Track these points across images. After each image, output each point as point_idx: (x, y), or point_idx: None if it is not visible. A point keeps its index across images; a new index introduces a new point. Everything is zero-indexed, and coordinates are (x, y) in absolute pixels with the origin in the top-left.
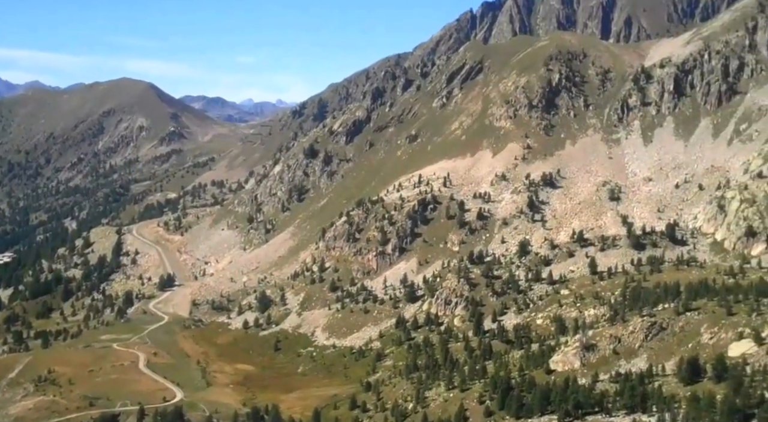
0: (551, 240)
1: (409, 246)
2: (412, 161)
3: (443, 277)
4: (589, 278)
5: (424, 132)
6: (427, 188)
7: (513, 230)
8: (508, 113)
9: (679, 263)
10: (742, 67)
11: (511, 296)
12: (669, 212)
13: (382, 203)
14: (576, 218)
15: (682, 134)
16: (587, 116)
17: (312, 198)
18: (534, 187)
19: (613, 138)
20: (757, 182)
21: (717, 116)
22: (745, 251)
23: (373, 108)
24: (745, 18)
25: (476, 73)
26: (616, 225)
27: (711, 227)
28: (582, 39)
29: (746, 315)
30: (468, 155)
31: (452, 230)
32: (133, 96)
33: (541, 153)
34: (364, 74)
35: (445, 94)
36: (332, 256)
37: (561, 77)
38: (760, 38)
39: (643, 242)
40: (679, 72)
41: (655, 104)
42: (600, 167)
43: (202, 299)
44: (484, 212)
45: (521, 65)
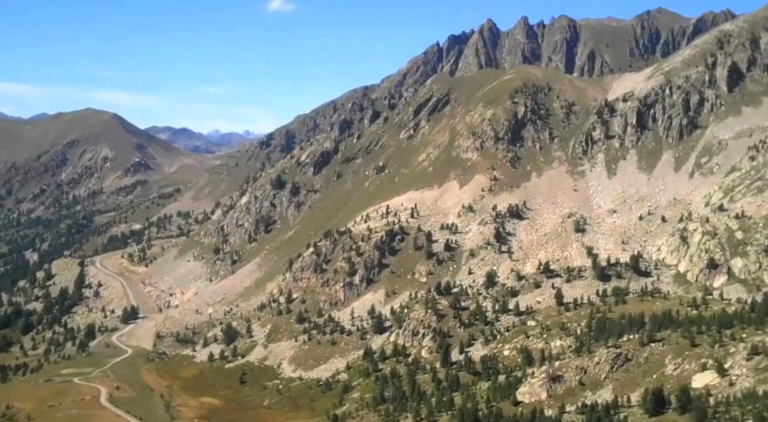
0: (518, 271)
1: (377, 277)
2: (379, 192)
3: (411, 308)
4: (556, 309)
5: (392, 163)
6: (394, 219)
7: (480, 261)
8: (475, 144)
9: (644, 294)
10: (702, 102)
11: (479, 327)
12: (633, 243)
13: (350, 234)
14: (542, 250)
15: (645, 166)
16: (552, 149)
17: (279, 229)
18: (501, 218)
19: (577, 170)
20: (718, 214)
21: (679, 150)
22: (708, 283)
23: (341, 139)
24: (704, 54)
25: (443, 105)
26: (581, 256)
27: (674, 259)
28: (547, 73)
29: (709, 347)
30: (435, 186)
31: (420, 261)
32: (97, 127)
33: (507, 185)
34: (331, 106)
35: (413, 125)
36: (299, 287)
37: (526, 110)
38: (719, 74)
39: (608, 274)
40: (642, 106)
41: (618, 137)
42: (565, 198)
43: (167, 332)
44: (452, 243)
45: (487, 98)
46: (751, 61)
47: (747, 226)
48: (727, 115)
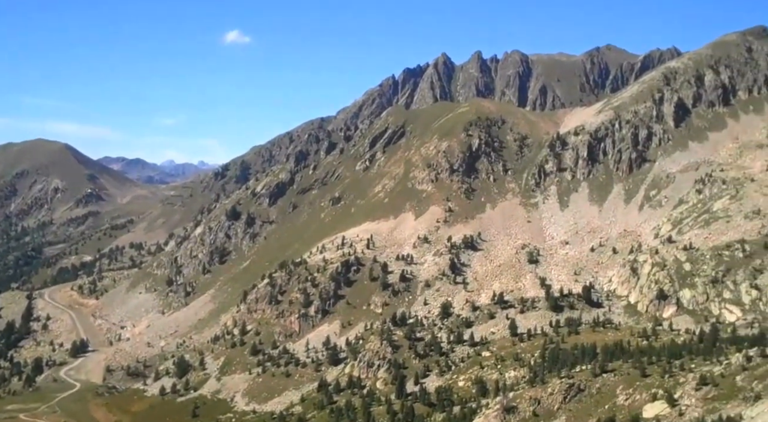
0: (473, 302)
1: (332, 308)
2: (335, 223)
3: (366, 339)
4: (510, 340)
5: (348, 194)
6: (350, 250)
7: (435, 292)
8: (430, 176)
9: (596, 324)
10: (650, 137)
11: (434, 358)
12: (585, 274)
13: (306, 265)
14: (496, 280)
15: (596, 199)
16: (506, 181)
17: (234, 260)
18: (456, 249)
19: (531, 202)
20: (667, 246)
21: (628, 183)
22: (657, 314)
23: (297, 170)
24: (652, 90)
25: (399, 137)
26: (535, 287)
27: (625, 290)
28: (500, 106)
29: (659, 377)
30: (391, 217)
31: (375, 292)
32: (48, 157)
33: (462, 216)
34: (287, 137)
35: (368, 157)
36: (254, 319)
37: (481, 142)
38: (666, 109)
39: (561, 304)
40: (592, 140)
41: (570, 170)
42: (519, 230)
43: (117, 365)
44: (407, 274)
45: (442, 130)
46: (696, 97)
47: (695, 258)
48: (675, 149)
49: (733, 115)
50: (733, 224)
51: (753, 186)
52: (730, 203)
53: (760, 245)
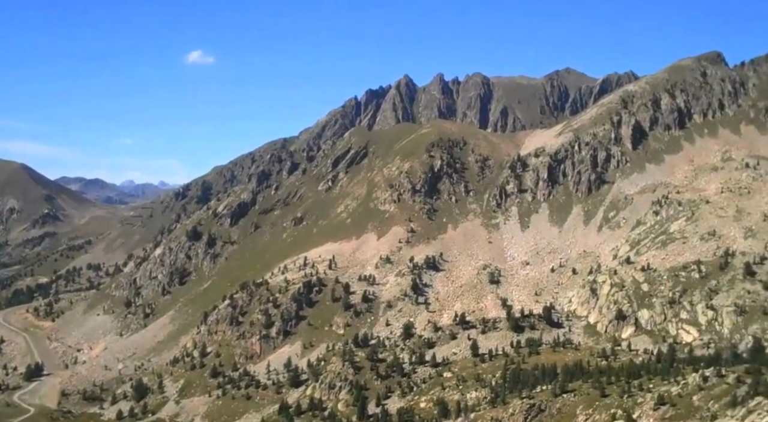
0: (435, 323)
1: (294, 329)
2: (297, 243)
3: (328, 360)
4: (471, 361)
5: (310, 215)
6: (312, 271)
7: (397, 312)
8: (392, 197)
9: (556, 345)
10: (609, 159)
11: (396, 379)
12: (545, 295)
13: (267, 285)
14: (458, 301)
15: (557, 220)
16: (468, 202)
17: (194, 281)
18: (418, 270)
19: (492, 223)
20: (625, 267)
21: (588, 204)
22: (616, 334)
23: (259, 191)
24: (610, 113)
25: (361, 157)
26: (496, 308)
27: (584, 310)
28: (462, 127)
29: (618, 397)
30: (353, 237)
31: (337, 312)
32: (3, 177)
33: (424, 237)
34: (249, 157)
35: (331, 177)
36: (214, 340)
37: (443, 163)
38: (624, 132)
39: (522, 325)
40: (552, 161)
41: (530, 191)
42: (480, 250)
43: (73, 389)
44: (369, 295)
45: (404, 151)
46: (653, 120)
47: (652, 278)
48: (632, 171)
49: (688, 138)
50: (690, 246)
51: (708, 208)
52: (687, 225)
53: (715, 267)
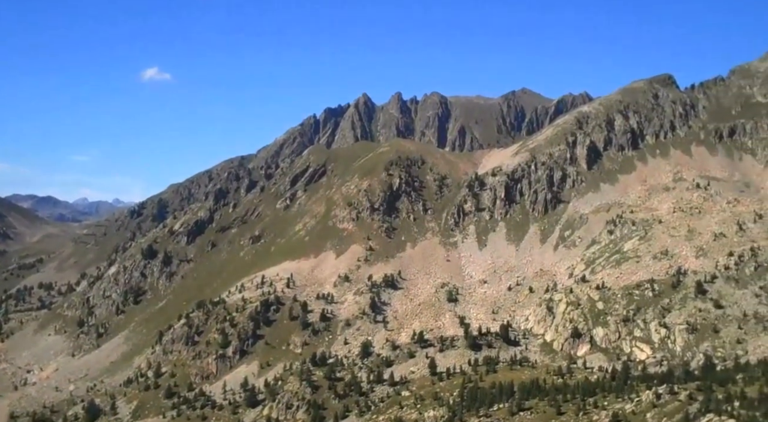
0: (393, 341)
1: (251, 349)
2: (255, 261)
3: (285, 380)
4: (429, 379)
5: (268, 233)
6: (270, 289)
7: (356, 331)
8: (351, 215)
9: (513, 363)
10: (564, 178)
11: (354, 398)
12: (503, 313)
13: (224, 304)
14: (416, 319)
15: (514, 238)
16: (426, 220)
17: (149, 300)
18: (376, 288)
19: (450, 241)
20: (580, 285)
21: (544, 223)
22: (572, 352)
23: (216, 209)
24: (565, 133)
25: (320, 176)
26: (454, 326)
27: (541, 329)
28: (420, 146)
29: (574, 415)
30: (311, 256)
31: (295, 331)
32: None
33: (382, 255)
34: (206, 175)
35: (289, 195)
36: (169, 360)
37: (401, 182)
38: (579, 152)
39: (480, 343)
40: (509, 180)
41: (488, 210)
42: (438, 269)
43: (22, 411)
44: (327, 314)
45: (363, 169)
46: (607, 141)
47: (607, 297)
48: (587, 190)
49: (641, 158)
50: (643, 264)
51: (661, 228)
52: (640, 244)
53: (668, 285)
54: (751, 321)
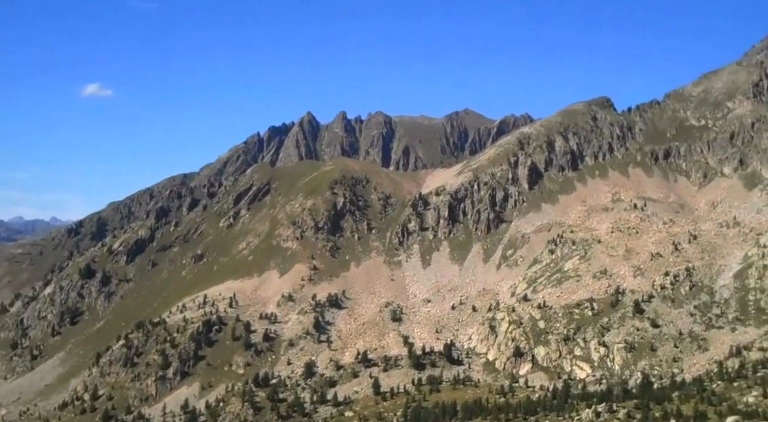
0: (337, 361)
1: (192, 370)
2: (197, 281)
3: (227, 401)
4: (373, 399)
5: (210, 252)
6: (212, 309)
7: (299, 351)
8: (295, 234)
9: (456, 382)
10: (506, 198)
11: (297, 419)
12: (446, 332)
13: (165, 325)
14: (361, 339)
15: (457, 258)
16: (370, 239)
17: (87, 321)
18: (320, 307)
19: (394, 261)
20: (522, 304)
21: (487, 242)
22: (514, 371)
23: (157, 227)
24: (507, 154)
25: (264, 194)
26: (398, 345)
27: (484, 348)
28: (364, 165)
29: None
30: (255, 275)
31: (237, 351)
32: None
33: (327, 274)
34: (147, 193)
35: (233, 214)
36: (107, 382)
37: (345, 201)
38: (521, 172)
39: (423, 362)
40: (453, 200)
41: (432, 229)
42: (383, 288)
43: None
44: (271, 333)
45: (307, 188)
46: (548, 161)
47: (548, 315)
48: (529, 210)
49: (581, 179)
50: (583, 284)
51: (600, 247)
52: (580, 263)
53: (607, 304)
54: (686, 340)
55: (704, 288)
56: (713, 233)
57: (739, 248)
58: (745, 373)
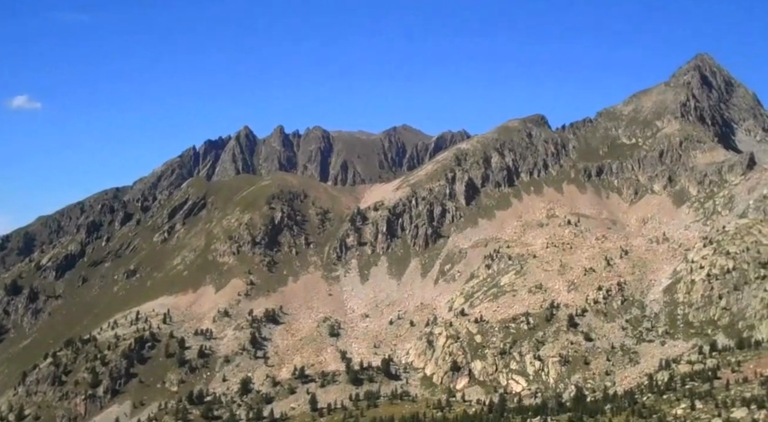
0: (273, 377)
1: (123, 388)
2: (130, 297)
3: (159, 419)
4: (310, 415)
5: (144, 267)
6: (145, 326)
7: (235, 367)
8: (232, 249)
9: (394, 397)
10: (444, 213)
11: None
12: (384, 347)
13: (95, 342)
14: (298, 354)
15: (395, 272)
16: (308, 254)
17: (12, 339)
18: (257, 323)
19: (332, 276)
20: (459, 319)
21: (425, 257)
22: (451, 385)
23: (88, 242)
24: (445, 169)
25: (199, 208)
26: (335, 361)
27: (421, 362)
28: (302, 180)
29: None
30: (190, 290)
31: (171, 369)
32: None
33: (264, 289)
34: (78, 207)
35: (167, 229)
36: (33, 402)
37: (283, 216)
38: (458, 188)
39: (361, 378)
40: (391, 215)
41: (370, 244)
42: (321, 303)
43: None
44: (206, 350)
45: (245, 203)
46: (484, 177)
47: (485, 330)
48: (466, 226)
49: (516, 195)
50: (519, 298)
51: (535, 262)
52: (516, 278)
53: (542, 318)
54: (618, 353)
55: (635, 302)
56: (644, 248)
57: (668, 263)
58: (674, 386)
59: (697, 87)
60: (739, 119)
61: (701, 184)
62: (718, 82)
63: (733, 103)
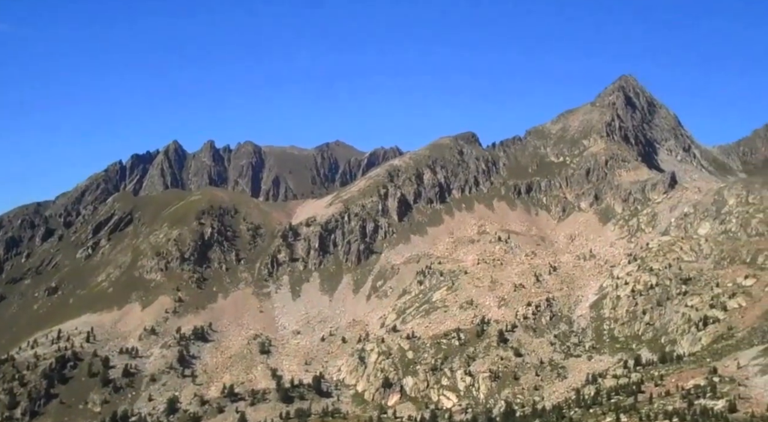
0: (201, 396)
1: (43, 409)
2: (51, 315)
3: None
4: None
5: (66, 284)
6: (67, 344)
7: (162, 386)
8: (159, 265)
9: (325, 414)
10: (377, 229)
11: None
12: (316, 364)
13: (13, 362)
14: (227, 372)
15: (327, 289)
16: (239, 270)
17: None
18: (185, 341)
19: (263, 292)
20: (392, 335)
21: (357, 273)
22: (383, 402)
23: (7, 258)
24: (377, 185)
25: (126, 224)
26: (266, 378)
27: (353, 379)
28: (233, 195)
29: None
30: (115, 308)
31: (94, 389)
32: None
33: (193, 306)
34: None
35: (91, 244)
36: None
37: (213, 231)
38: (391, 204)
39: (292, 395)
40: (323, 231)
41: (302, 260)
42: (251, 320)
43: None
44: (131, 369)
45: (173, 218)
46: (417, 194)
47: (417, 346)
48: (399, 242)
49: (448, 211)
50: (450, 314)
51: (466, 278)
52: (447, 294)
53: (473, 334)
54: (546, 368)
55: (563, 318)
56: (571, 265)
57: (594, 279)
58: (600, 400)
59: (622, 108)
60: (662, 138)
61: (626, 202)
62: (641, 103)
63: (656, 123)
